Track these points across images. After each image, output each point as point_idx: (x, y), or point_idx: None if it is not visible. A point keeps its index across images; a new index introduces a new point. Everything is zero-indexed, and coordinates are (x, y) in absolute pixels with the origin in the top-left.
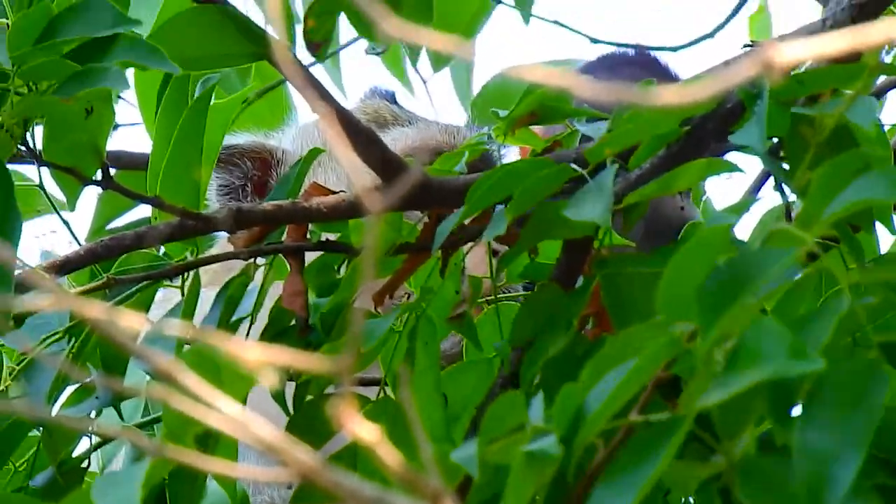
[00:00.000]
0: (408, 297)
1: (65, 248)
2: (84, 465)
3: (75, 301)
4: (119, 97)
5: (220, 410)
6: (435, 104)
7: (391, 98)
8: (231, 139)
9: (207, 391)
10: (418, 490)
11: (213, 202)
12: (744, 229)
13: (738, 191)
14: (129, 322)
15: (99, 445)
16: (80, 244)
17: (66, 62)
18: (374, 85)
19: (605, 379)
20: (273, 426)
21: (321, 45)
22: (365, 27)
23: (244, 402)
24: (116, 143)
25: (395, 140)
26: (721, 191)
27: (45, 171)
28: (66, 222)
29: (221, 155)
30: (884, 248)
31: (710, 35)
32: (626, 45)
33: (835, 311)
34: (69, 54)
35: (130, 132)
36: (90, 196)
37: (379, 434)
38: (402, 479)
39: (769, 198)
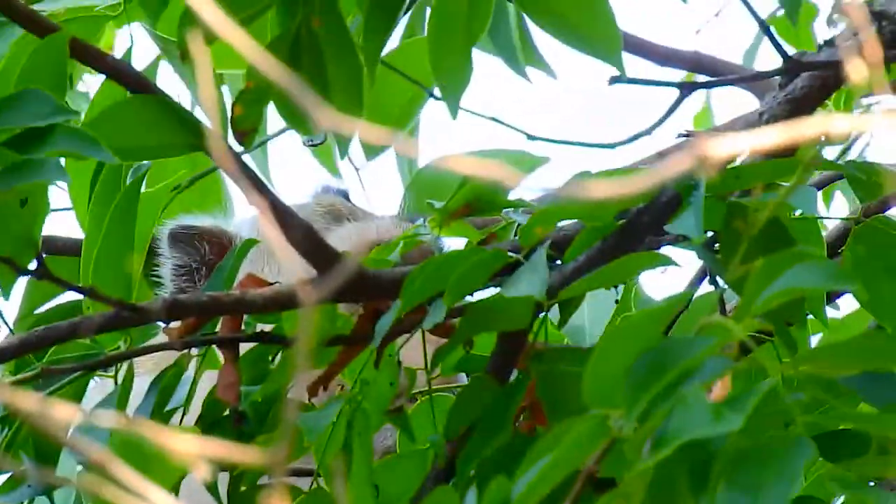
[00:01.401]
0: (342, 388)
1: None
2: None
3: (8, 392)
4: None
5: (152, 502)
6: (369, 194)
7: (345, 196)
8: (191, 220)
9: (139, 482)
10: None
11: (167, 282)
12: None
13: (675, 287)
14: (62, 413)
15: None
16: (10, 330)
17: (3, 150)
18: (325, 184)
19: (531, 469)
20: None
21: (248, 133)
22: (295, 118)
23: (174, 491)
24: (47, 227)
25: (349, 233)
26: (657, 286)
27: None
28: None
29: (180, 235)
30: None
31: (648, 132)
32: (562, 142)
33: (757, 390)
34: (5, 143)
35: (61, 217)
36: (19, 281)
37: None
38: None
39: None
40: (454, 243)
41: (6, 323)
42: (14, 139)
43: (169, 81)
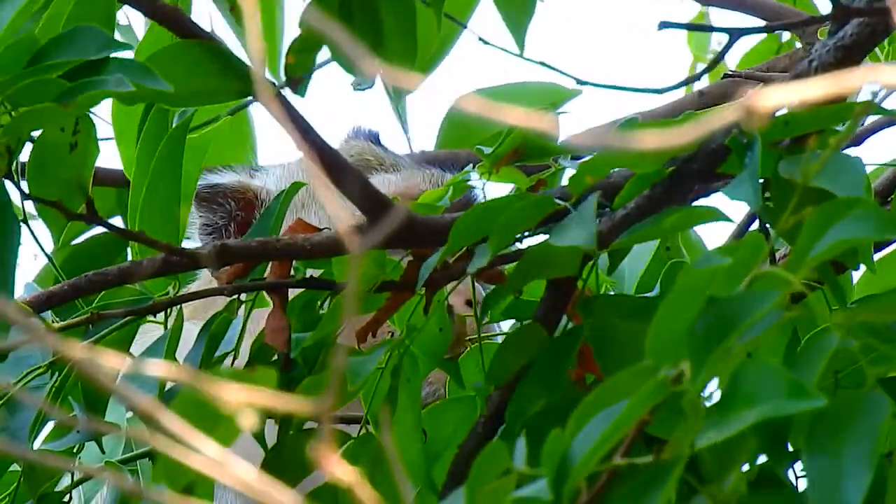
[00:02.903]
0: (391, 335)
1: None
2: (65, 499)
3: (57, 339)
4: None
5: (199, 450)
6: (412, 142)
7: (375, 139)
8: (215, 178)
9: (186, 431)
10: None
11: (195, 241)
12: None
13: (723, 228)
14: (110, 361)
15: (80, 481)
16: (62, 277)
17: (58, 81)
18: (357, 125)
19: (592, 423)
20: (252, 466)
21: (301, 81)
22: (347, 63)
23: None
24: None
25: (379, 188)
26: (706, 228)
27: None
28: (50, 258)
29: (205, 194)
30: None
31: (698, 77)
32: (610, 87)
33: (824, 349)
34: (61, 77)
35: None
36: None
37: (356, 474)
38: None
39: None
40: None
41: (58, 271)
42: (69, 73)
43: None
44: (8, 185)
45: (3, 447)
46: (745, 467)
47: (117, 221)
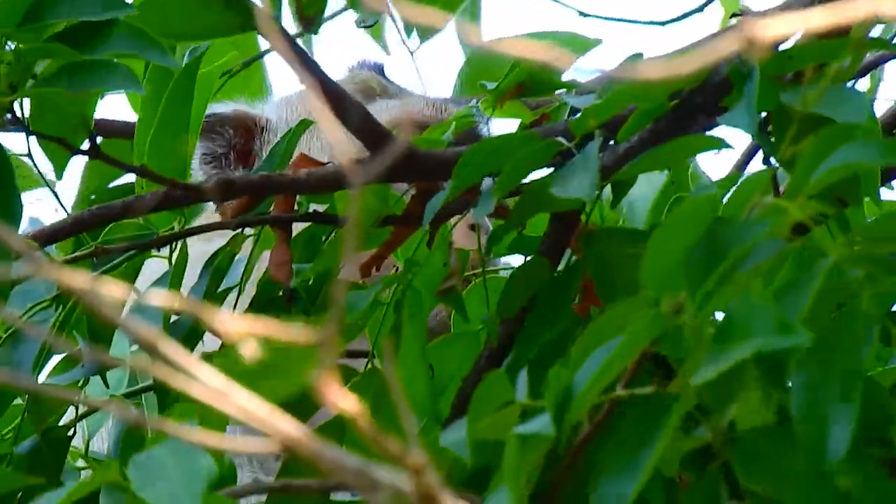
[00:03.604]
0: (395, 270)
1: (51, 215)
2: (70, 433)
3: (60, 271)
4: None
5: (204, 381)
6: (421, 77)
7: (380, 70)
8: (214, 107)
9: (190, 361)
10: (401, 463)
11: (196, 170)
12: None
13: (728, 161)
14: (114, 292)
15: (85, 415)
16: (67, 213)
17: (60, 47)
18: (362, 57)
19: (593, 356)
20: (257, 398)
21: (313, 18)
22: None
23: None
24: (101, 111)
25: (380, 112)
26: (710, 162)
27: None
28: (54, 192)
29: (204, 124)
30: None
31: (700, 9)
32: (614, 19)
33: (813, 278)
34: (60, 36)
35: (113, 99)
36: (77, 164)
37: (362, 407)
38: (384, 451)
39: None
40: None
41: (62, 205)
42: (67, 34)
43: None
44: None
45: (7, 379)
46: None
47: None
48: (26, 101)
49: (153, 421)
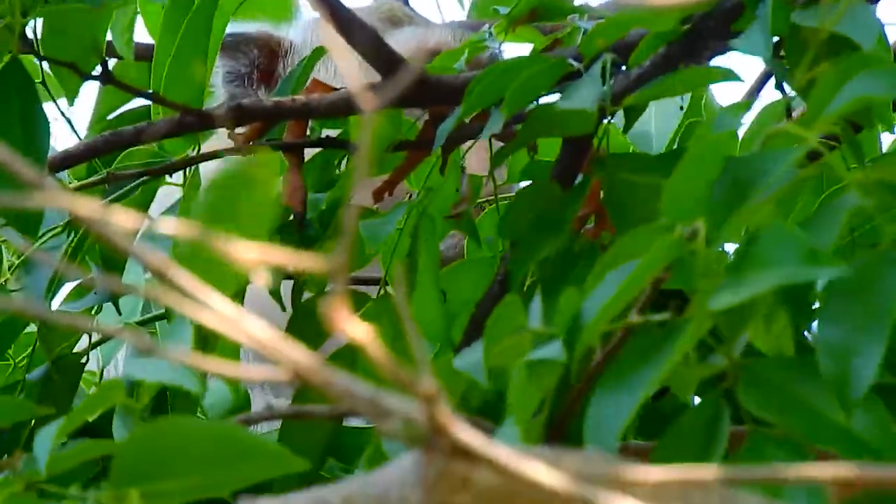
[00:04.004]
0: (409, 196)
1: (64, 141)
2: (83, 360)
3: (70, 198)
4: None
5: (215, 308)
6: (441, 7)
7: (404, 0)
8: (239, 27)
9: (202, 289)
10: (412, 390)
11: (219, 89)
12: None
13: (739, 87)
14: (124, 220)
15: (98, 343)
16: (79, 138)
17: None
18: None
19: (605, 282)
20: (269, 325)
21: None
22: None
23: (237, 298)
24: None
25: (405, 40)
26: (721, 87)
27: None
28: (67, 119)
29: (229, 42)
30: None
31: None
32: None
33: (840, 209)
34: None
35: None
36: (91, 89)
37: (372, 333)
38: (395, 378)
39: (770, 97)
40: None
41: (74, 131)
42: None
43: None
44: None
45: (19, 306)
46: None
47: None
48: (39, 28)
49: (167, 348)
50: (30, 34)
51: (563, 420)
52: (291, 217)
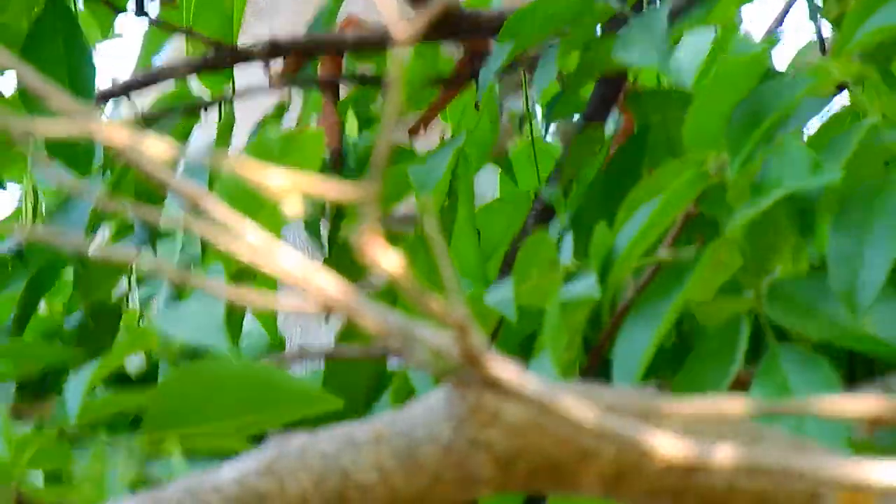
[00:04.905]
0: (443, 137)
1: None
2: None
3: (101, 127)
4: None
5: (250, 240)
6: None
7: None
8: None
9: (239, 221)
10: (444, 320)
11: None
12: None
13: (769, 16)
14: (162, 151)
15: (138, 281)
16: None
17: None
18: None
19: (635, 216)
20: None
21: None
22: None
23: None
24: None
25: None
26: (750, 17)
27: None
28: (100, 57)
29: None
30: None
31: None
32: None
33: (857, 129)
34: None
35: None
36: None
37: (404, 263)
38: (426, 307)
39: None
40: None
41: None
42: None
43: None
44: None
45: (62, 243)
46: None
47: None
48: None
49: (211, 286)
50: None
51: (595, 356)
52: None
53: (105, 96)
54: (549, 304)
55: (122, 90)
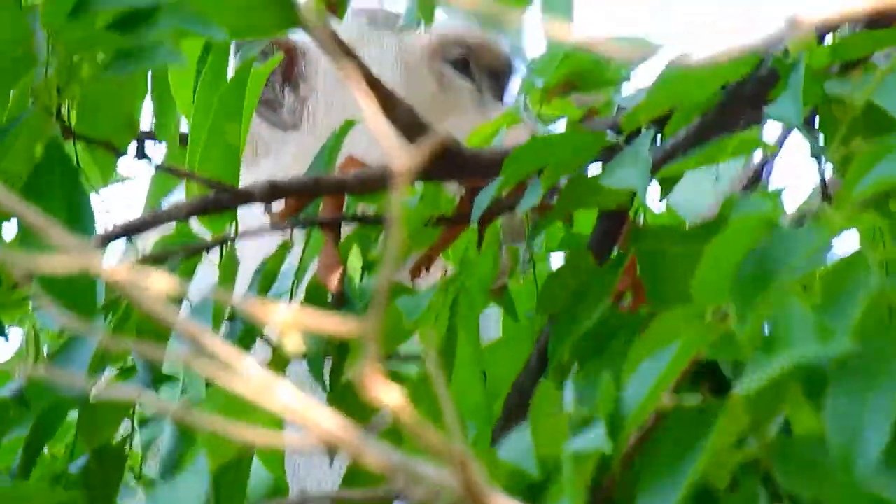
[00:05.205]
0: (445, 273)
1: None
2: (125, 448)
3: (111, 269)
4: None
5: (249, 376)
6: None
7: None
8: None
9: (234, 355)
10: (445, 455)
11: None
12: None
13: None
14: (157, 283)
15: (142, 423)
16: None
17: (107, 34)
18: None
19: (645, 367)
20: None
21: (340, 3)
22: None
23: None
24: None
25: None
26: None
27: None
28: (104, 201)
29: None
30: None
31: None
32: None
33: (863, 288)
34: (109, 27)
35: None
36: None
37: (406, 400)
38: (429, 445)
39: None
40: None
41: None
42: (117, 23)
43: None
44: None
45: (64, 385)
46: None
47: None
48: (72, 112)
49: (214, 425)
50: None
51: (602, 501)
52: (329, 295)
53: (105, 239)
54: (564, 459)
55: (122, 233)
